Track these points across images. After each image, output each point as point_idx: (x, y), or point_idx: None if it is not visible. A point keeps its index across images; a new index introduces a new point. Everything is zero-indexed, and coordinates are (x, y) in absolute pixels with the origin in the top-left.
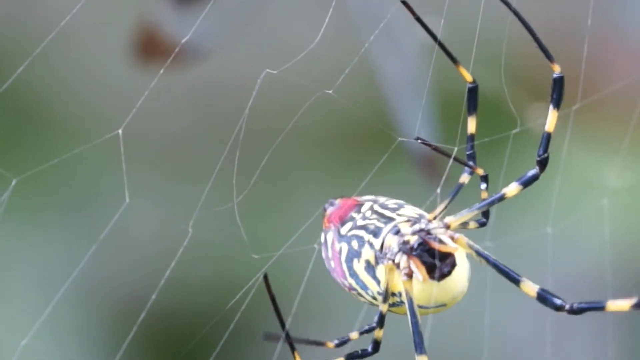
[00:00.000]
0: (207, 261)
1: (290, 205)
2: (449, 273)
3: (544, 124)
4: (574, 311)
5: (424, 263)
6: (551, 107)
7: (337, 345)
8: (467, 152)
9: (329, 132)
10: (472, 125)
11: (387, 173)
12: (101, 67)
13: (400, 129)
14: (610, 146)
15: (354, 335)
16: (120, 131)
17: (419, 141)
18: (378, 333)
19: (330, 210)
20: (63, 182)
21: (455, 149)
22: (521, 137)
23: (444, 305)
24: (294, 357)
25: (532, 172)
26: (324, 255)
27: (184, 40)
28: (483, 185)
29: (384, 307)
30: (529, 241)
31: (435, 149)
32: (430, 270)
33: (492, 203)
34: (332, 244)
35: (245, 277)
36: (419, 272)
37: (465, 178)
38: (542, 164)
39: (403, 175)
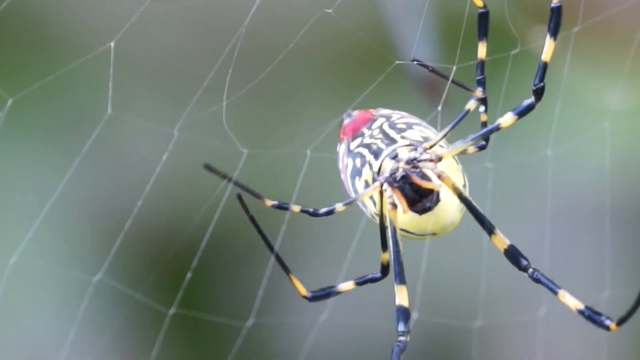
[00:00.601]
0: (195, 167)
1: (286, 125)
2: (429, 209)
3: (543, 46)
4: (533, 278)
5: (406, 196)
6: (548, 36)
7: (275, 206)
8: (477, 78)
9: (327, 53)
10: (482, 50)
11: (386, 94)
12: None
13: (399, 50)
14: (611, 69)
15: (340, 207)
16: (112, 44)
17: (416, 63)
18: (384, 256)
19: (346, 122)
20: (55, 100)
21: (454, 67)
22: (521, 59)
23: (433, 234)
24: (290, 279)
25: (527, 102)
26: (337, 163)
27: None
28: (482, 108)
29: (339, 208)
30: (529, 163)
31: (432, 70)
32: (413, 203)
33: (487, 134)
34: (342, 157)
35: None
36: (400, 204)
37: (472, 105)
38: (538, 93)
39: (403, 97)
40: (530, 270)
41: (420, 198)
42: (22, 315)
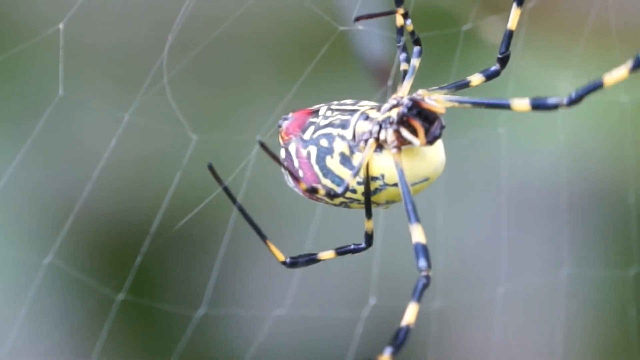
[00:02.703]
0: (145, 152)
1: (237, 110)
2: (439, 135)
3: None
4: (573, 101)
5: (419, 128)
6: (515, 4)
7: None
8: (397, 44)
9: (275, 33)
10: (399, 20)
11: (334, 78)
12: None
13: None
14: (564, 52)
15: (330, 254)
16: (61, 25)
17: (357, 20)
18: (368, 225)
19: (285, 123)
20: (4, 81)
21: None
22: (470, 46)
23: (427, 179)
24: (267, 246)
25: (494, 68)
26: (291, 166)
27: None
28: (408, 21)
29: (351, 181)
30: (483, 142)
31: (377, 15)
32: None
33: (458, 87)
34: (297, 152)
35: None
36: (416, 136)
37: (404, 66)
38: (503, 61)
39: (350, 79)
40: (566, 100)
41: (429, 126)
42: None
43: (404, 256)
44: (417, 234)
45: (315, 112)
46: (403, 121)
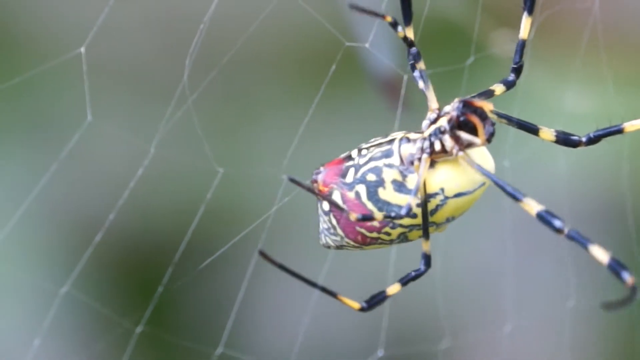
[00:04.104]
0: (170, 182)
1: (254, 126)
2: (494, 132)
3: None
4: (592, 140)
5: (478, 124)
6: (525, 14)
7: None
8: (410, 62)
9: (287, 48)
10: (409, 33)
11: (346, 99)
12: None
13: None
14: (564, 72)
15: (395, 288)
16: (82, 49)
17: (350, 5)
18: (425, 246)
19: (321, 176)
20: (26, 103)
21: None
22: (481, 62)
23: (483, 184)
24: (340, 300)
25: (510, 79)
26: (338, 214)
27: None
28: (399, 28)
29: (413, 201)
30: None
31: (369, 12)
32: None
33: (482, 96)
34: (344, 197)
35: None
36: (476, 136)
37: (421, 84)
38: (517, 71)
39: (363, 101)
40: (585, 138)
41: (483, 122)
42: None
43: (409, 302)
44: (533, 205)
45: (348, 157)
46: (459, 123)
